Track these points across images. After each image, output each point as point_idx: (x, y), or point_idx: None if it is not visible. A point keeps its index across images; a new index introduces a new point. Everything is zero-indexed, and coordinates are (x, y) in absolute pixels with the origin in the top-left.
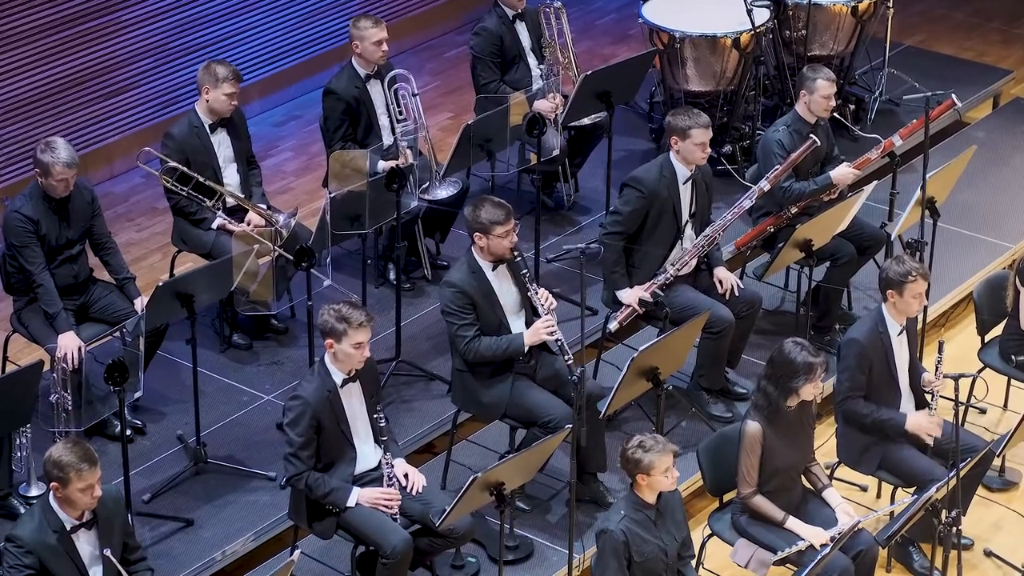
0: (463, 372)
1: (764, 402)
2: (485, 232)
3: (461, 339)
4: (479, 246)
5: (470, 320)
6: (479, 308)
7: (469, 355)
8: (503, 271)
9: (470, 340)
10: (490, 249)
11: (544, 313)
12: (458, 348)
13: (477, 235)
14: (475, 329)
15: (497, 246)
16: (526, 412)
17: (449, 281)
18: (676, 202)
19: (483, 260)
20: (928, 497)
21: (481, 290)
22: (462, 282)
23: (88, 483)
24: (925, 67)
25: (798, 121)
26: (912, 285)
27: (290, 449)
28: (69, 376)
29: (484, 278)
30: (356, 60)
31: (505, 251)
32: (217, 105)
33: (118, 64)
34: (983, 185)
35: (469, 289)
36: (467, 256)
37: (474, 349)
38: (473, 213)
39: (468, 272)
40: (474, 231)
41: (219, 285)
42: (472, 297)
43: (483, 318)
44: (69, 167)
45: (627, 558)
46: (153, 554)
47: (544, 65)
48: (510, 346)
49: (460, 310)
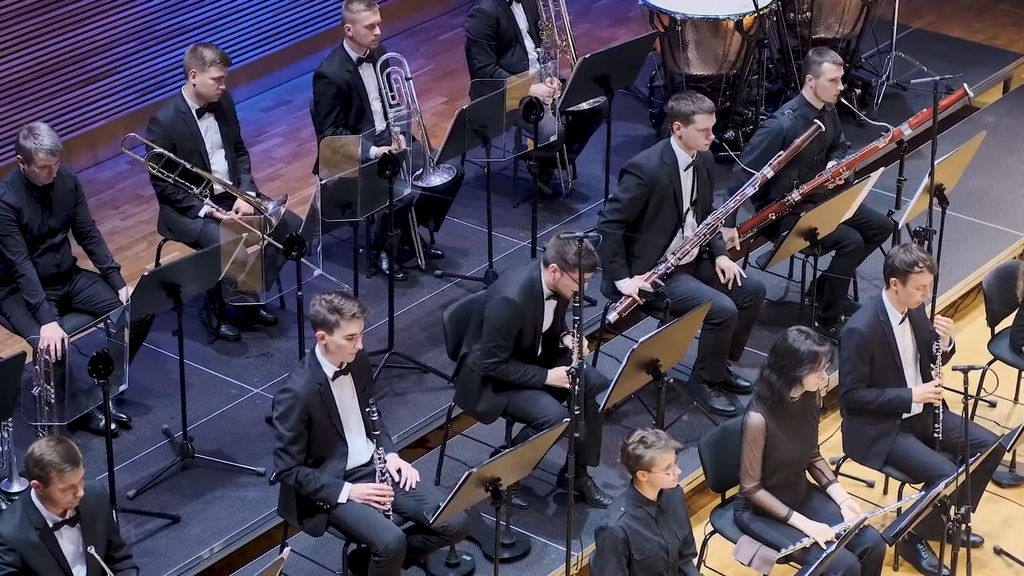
0: (472, 372)
1: (767, 392)
2: (564, 270)
3: (493, 357)
4: (551, 276)
5: (508, 344)
6: (523, 333)
7: (490, 371)
8: (552, 303)
9: (500, 362)
10: (557, 284)
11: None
12: (481, 361)
13: (554, 267)
14: (509, 353)
15: (566, 287)
16: (522, 411)
17: (511, 301)
18: (677, 189)
19: (547, 288)
20: (936, 493)
21: (534, 316)
22: (523, 305)
23: (70, 483)
24: (934, 50)
25: (804, 106)
26: (917, 276)
27: (280, 444)
28: (52, 368)
29: (541, 305)
30: (348, 43)
31: (569, 292)
32: (204, 89)
33: (102, 47)
34: (993, 172)
35: (526, 314)
36: (534, 275)
37: (497, 370)
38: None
39: (530, 295)
40: (552, 263)
41: (206, 275)
42: (524, 323)
43: (521, 339)
44: (52, 154)
45: (627, 556)
46: (138, 552)
47: (541, 48)
48: (530, 380)
49: (508, 333)
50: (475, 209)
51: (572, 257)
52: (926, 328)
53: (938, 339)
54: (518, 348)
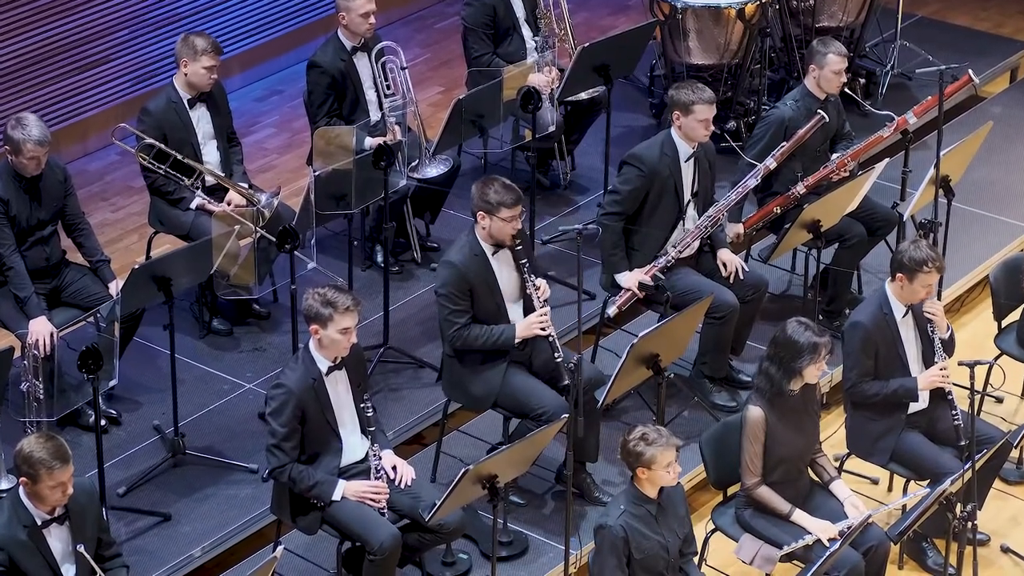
0: (452, 359)
1: (766, 385)
2: (489, 213)
3: (450, 324)
4: (481, 226)
5: (464, 307)
6: (476, 293)
7: (457, 342)
8: (505, 255)
9: (460, 327)
10: (491, 231)
11: (539, 306)
12: (445, 332)
13: (480, 214)
14: (467, 316)
15: (500, 230)
16: (518, 403)
17: (449, 261)
18: (678, 181)
19: (484, 243)
20: (942, 490)
21: (481, 274)
22: (462, 264)
23: (59, 481)
24: (939, 39)
25: (807, 96)
26: (925, 275)
27: (273, 440)
28: (41, 363)
29: (486, 261)
30: (342, 32)
31: (507, 237)
32: (196, 79)
33: (92, 35)
34: (1000, 163)
35: (469, 273)
36: (469, 236)
37: (463, 337)
38: (481, 190)
39: (470, 254)
40: (478, 210)
41: (198, 268)
42: (471, 281)
43: (481, 303)
44: (41, 144)
45: (627, 555)
46: (128, 550)
47: (539, 37)
48: (500, 337)
49: (456, 294)
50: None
51: (493, 196)
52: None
53: (931, 323)
54: (485, 314)
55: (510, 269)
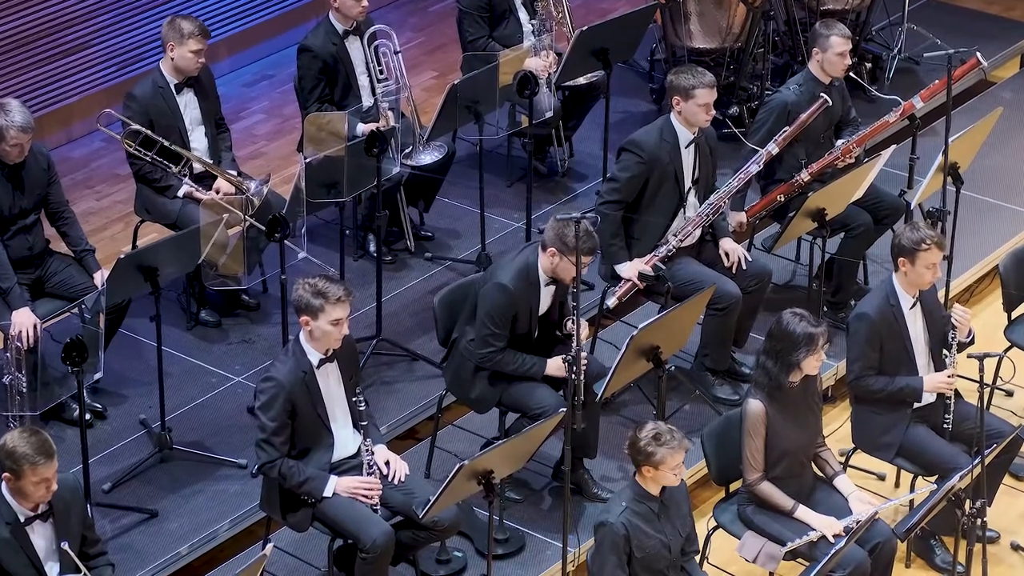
0: (466, 358)
1: (764, 379)
2: (563, 254)
3: (488, 346)
4: (549, 260)
5: (504, 333)
6: (518, 319)
7: (487, 363)
8: (551, 289)
9: (495, 351)
10: (556, 269)
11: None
12: (478, 350)
13: (552, 251)
14: (504, 342)
15: (565, 271)
16: (517, 402)
17: (504, 287)
18: (678, 168)
19: (543, 274)
20: (951, 486)
21: (528, 303)
22: (516, 292)
23: (43, 476)
24: (947, 22)
25: (811, 81)
26: (925, 254)
27: (262, 435)
28: (24, 356)
29: (537, 292)
30: (333, 15)
31: (568, 278)
32: (183, 63)
33: (77, 18)
34: (1010, 149)
35: (520, 301)
36: (530, 260)
37: (494, 360)
38: (560, 231)
39: (526, 281)
40: (554, 247)
41: (185, 258)
42: (518, 309)
43: (516, 326)
44: (24, 131)
45: (627, 553)
46: (114, 548)
47: (536, 20)
48: (531, 370)
49: (502, 320)
50: (467, 189)
51: (572, 240)
52: (939, 314)
53: (954, 328)
54: (513, 334)
55: (549, 301)
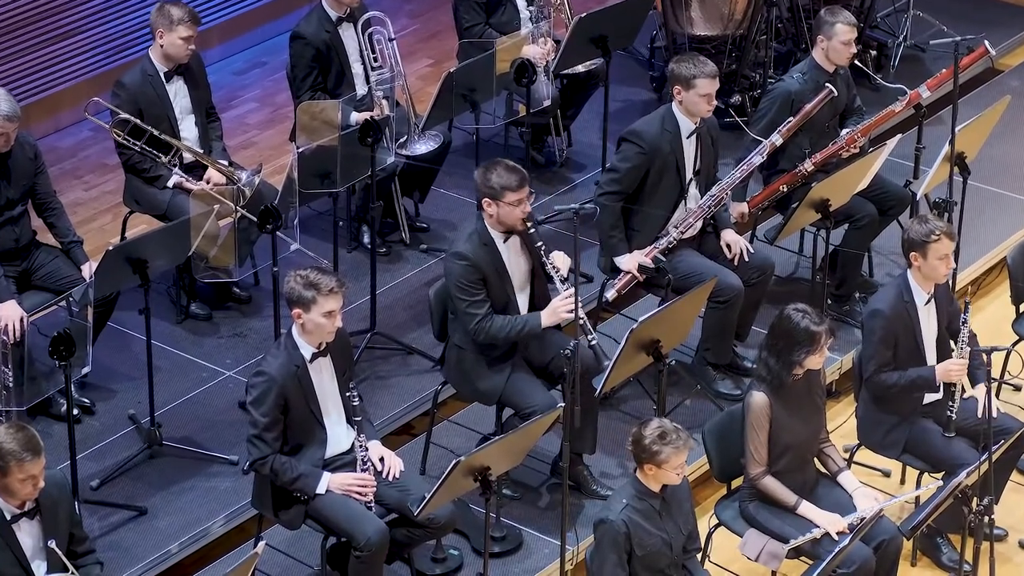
0: (463, 350)
1: (766, 374)
2: (495, 199)
3: (472, 318)
4: (488, 214)
5: (481, 297)
6: (489, 284)
7: (480, 336)
8: (514, 243)
9: (481, 319)
10: (500, 218)
11: (561, 287)
12: (467, 327)
13: (486, 201)
14: (486, 307)
15: (508, 215)
16: (510, 398)
17: (459, 253)
18: (679, 158)
19: (493, 230)
20: (957, 483)
21: (493, 264)
22: (473, 255)
23: (30, 473)
24: (954, 9)
25: (815, 69)
26: (936, 245)
27: (254, 430)
28: (10, 350)
29: (496, 251)
30: (327, 1)
31: (517, 221)
32: (172, 51)
33: (64, 5)
34: (1018, 139)
35: (481, 263)
36: (477, 225)
37: (485, 330)
38: (483, 176)
39: (479, 244)
40: (483, 197)
41: (175, 249)
42: (483, 271)
43: (492, 294)
44: (10, 120)
45: (628, 551)
46: (102, 546)
47: (534, 7)
48: (525, 327)
49: (471, 286)
50: (463, 179)
51: (496, 180)
52: (948, 308)
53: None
54: (493, 305)
55: (519, 257)
